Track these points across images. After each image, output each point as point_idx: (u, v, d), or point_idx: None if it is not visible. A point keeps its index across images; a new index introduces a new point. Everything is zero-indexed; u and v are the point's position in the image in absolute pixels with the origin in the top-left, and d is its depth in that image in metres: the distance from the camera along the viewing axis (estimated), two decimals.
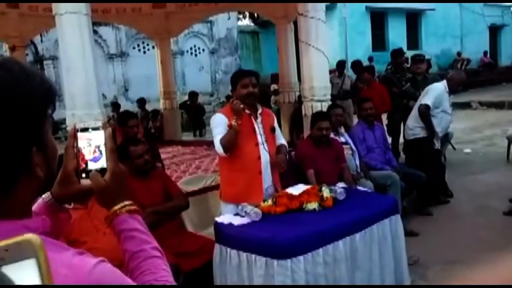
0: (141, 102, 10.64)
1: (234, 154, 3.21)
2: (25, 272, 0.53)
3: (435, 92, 5.20)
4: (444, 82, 5.32)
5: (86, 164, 0.94)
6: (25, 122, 0.75)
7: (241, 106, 3.17)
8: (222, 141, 3.15)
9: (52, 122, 0.84)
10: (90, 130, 0.95)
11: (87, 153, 0.95)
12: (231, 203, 3.30)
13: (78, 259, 0.74)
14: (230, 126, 3.13)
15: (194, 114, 11.93)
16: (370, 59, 15.00)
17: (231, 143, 3.15)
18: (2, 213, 0.75)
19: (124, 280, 0.80)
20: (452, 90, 5.26)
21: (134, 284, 0.83)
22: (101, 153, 0.95)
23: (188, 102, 12.05)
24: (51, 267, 0.61)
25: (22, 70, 0.77)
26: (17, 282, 0.53)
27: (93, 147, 0.95)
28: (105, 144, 0.95)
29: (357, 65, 8.44)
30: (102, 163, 0.95)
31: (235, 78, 3.35)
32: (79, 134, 0.94)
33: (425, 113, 5.12)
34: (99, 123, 0.97)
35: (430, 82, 6.01)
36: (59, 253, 0.74)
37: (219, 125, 3.24)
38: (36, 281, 0.54)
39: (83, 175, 0.94)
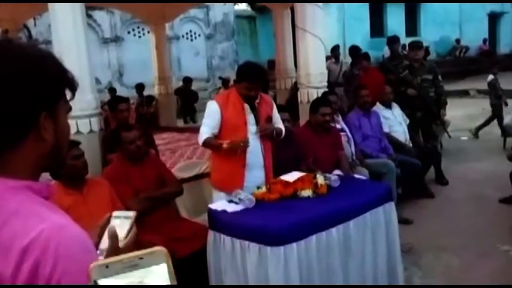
0: (140, 87, 10.38)
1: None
2: (158, 272, 0.72)
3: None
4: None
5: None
6: (40, 88, 0.86)
7: (242, 145, 3.18)
8: (206, 142, 3.26)
9: (69, 108, 0.95)
10: (122, 217, 1.06)
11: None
12: (216, 188, 3.37)
13: (64, 221, 0.83)
14: (221, 144, 3.19)
15: (187, 100, 11.85)
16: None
17: (210, 149, 3.34)
18: (7, 170, 0.84)
19: (89, 250, 0.84)
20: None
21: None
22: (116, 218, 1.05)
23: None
24: (37, 221, 0.79)
25: (49, 54, 0.91)
26: (153, 280, 0.72)
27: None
28: (130, 228, 1.03)
29: (354, 50, 8.05)
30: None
31: (244, 75, 3.24)
32: (112, 219, 1.05)
33: (389, 141, 5.13)
34: (131, 214, 1.07)
35: (427, 69, 5.97)
36: (51, 213, 0.83)
37: (209, 115, 3.27)
38: (167, 279, 0.72)
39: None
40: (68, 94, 0.93)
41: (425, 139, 5.95)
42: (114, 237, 0.99)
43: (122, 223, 1.04)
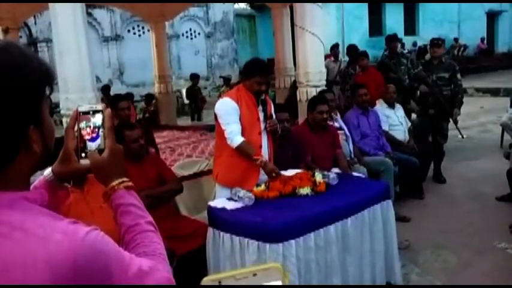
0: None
1: None
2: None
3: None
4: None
5: (85, 144, 0.99)
6: (23, 102, 0.81)
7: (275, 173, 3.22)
8: (241, 147, 3.19)
9: (50, 103, 0.89)
10: (91, 113, 1.00)
11: (87, 134, 1.00)
12: (226, 186, 3.33)
13: (72, 227, 0.80)
14: (256, 158, 3.18)
15: (195, 98, 11.80)
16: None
17: (239, 152, 3.23)
18: (2, 185, 0.81)
19: (115, 247, 0.85)
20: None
21: (124, 251, 0.88)
22: (98, 134, 0.99)
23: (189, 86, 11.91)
24: (46, 232, 0.76)
25: (22, 55, 0.83)
26: None
27: (93, 128, 1.00)
28: (103, 124, 0.99)
29: (351, 50, 8.16)
30: (99, 143, 1.00)
31: (255, 70, 3.27)
32: (81, 117, 1.00)
33: (387, 138, 5.17)
34: (100, 107, 1.01)
35: (445, 67, 5.92)
36: (55, 221, 0.81)
37: (230, 113, 3.22)
38: None
39: (82, 155, 1.00)
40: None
41: (434, 136, 5.96)
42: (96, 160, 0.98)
43: (93, 123, 0.99)
